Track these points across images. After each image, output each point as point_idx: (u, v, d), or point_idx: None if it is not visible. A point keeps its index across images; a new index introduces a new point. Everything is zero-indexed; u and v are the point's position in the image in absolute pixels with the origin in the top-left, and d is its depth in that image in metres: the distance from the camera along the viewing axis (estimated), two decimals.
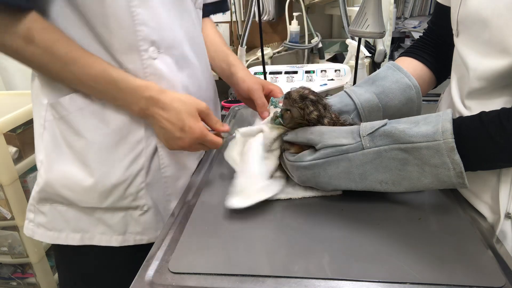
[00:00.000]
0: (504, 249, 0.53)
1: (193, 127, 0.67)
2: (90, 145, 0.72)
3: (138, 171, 0.75)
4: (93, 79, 0.66)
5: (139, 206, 0.77)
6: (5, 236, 1.37)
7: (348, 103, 0.74)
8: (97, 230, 0.78)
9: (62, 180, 0.74)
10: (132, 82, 0.67)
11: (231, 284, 0.48)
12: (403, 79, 0.74)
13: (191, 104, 0.69)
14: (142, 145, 0.74)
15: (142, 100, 0.68)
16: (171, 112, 0.67)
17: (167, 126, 0.68)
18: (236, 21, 2.04)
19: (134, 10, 0.66)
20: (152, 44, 0.69)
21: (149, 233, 0.79)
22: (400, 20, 2.47)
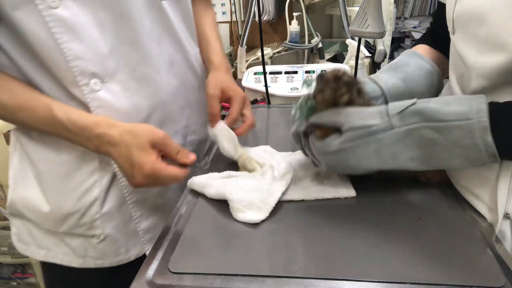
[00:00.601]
0: (504, 249, 0.53)
1: (142, 162, 0.61)
2: (42, 174, 0.73)
3: (91, 202, 0.73)
4: (42, 123, 0.64)
5: (95, 235, 0.76)
6: (5, 236, 1.37)
7: (375, 89, 0.73)
8: (60, 250, 0.78)
9: (23, 202, 0.76)
10: (80, 122, 0.63)
11: (231, 284, 0.48)
12: (425, 65, 0.74)
13: (142, 136, 0.62)
14: (96, 176, 0.72)
15: (93, 139, 0.64)
16: (121, 147, 0.62)
17: (119, 163, 0.63)
18: (236, 21, 2.04)
19: (64, 47, 0.62)
20: (93, 76, 0.65)
21: (109, 258, 0.79)
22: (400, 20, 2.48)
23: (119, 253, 0.79)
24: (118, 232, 0.77)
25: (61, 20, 0.61)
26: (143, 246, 0.81)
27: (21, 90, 0.64)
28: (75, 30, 0.62)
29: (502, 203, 0.56)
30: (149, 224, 0.80)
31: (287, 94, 1.32)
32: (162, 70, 0.75)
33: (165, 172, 0.62)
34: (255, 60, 1.70)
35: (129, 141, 0.62)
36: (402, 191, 0.65)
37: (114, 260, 0.79)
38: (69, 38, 0.62)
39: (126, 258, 0.80)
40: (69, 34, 0.62)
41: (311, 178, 0.69)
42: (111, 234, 0.76)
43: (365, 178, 0.65)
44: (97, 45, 0.65)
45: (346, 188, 0.65)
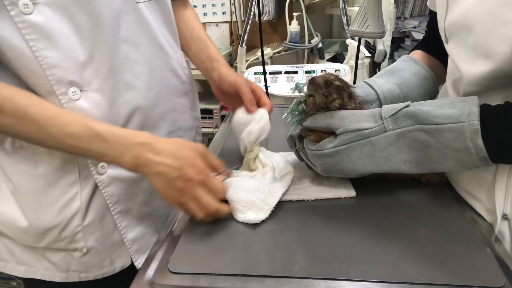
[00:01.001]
0: (504, 249, 0.53)
1: (194, 163, 0.59)
2: (18, 188, 0.70)
3: (72, 215, 0.71)
4: (75, 137, 0.60)
5: (78, 248, 0.73)
6: None
7: (370, 93, 0.73)
8: (41, 266, 0.76)
9: (1, 219, 0.73)
10: (119, 132, 0.62)
11: (231, 284, 0.48)
12: (421, 70, 0.75)
13: (186, 144, 0.62)
14: (76, 188, 0.70)
15: (133, 148, 0.60)
16: (165, 154, 0.60)
17: (162, 169, 0.59)
18: (236, 21, 2.04)
19: (39, 55, 0.60)
20: (71, 85, 0.63)
21: (94, 271, 0.77)
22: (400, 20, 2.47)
23: (103, 265, 0.77)
24: (101, 244, 0.75)
25: (35, 26, 0.58)
26: (131, 257, 0.79)
27: (51, 106, 0.61)
28: (50, 36, 0.60)
29: (500, 204, 0.56)
30: (135, 234, 0.78)
31: (287, 94, 1.32)
32: (142, 75, 0.73)
33: (215, 180, 0.60)
34: (255, 60, 1.70)
35: (174, 148, 0.61)
36: (402, 191, 0.65)
37: (98, 273, 0.77)
38: (44, 45, 0.60)
39: (111, 270, 0.78)
40: (44, 41, 0.60)
41: (311, 178, 0.69)
42: (94, 246, 0.74)
43: (365, 179, 0.65)
44: (74, 52, 0.63)
45: (346, 188, 0.65)
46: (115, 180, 0.73)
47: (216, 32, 2.08)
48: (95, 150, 0.61)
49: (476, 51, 0.54)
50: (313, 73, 1.43)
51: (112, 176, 0.72)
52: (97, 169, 0.70)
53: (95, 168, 0.70)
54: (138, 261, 0.79)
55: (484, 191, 0.59)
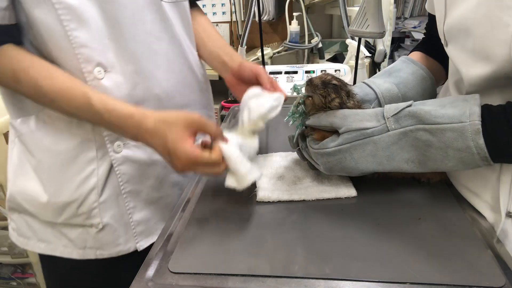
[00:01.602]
0: (504, 249, 0.53)
1: (177, 151, 0.61)
2: (41, 164, 0.75)
3: (89, 191, 0.75)
4: (80, 111, 0.66)
5: (94, 224, 0.77)
6: (5, 236, 1.37)
7: (369, 93, 0.74)
8: (60, 243, 0.80)
9: (22, 194, 0.78)
10: (116, 113, 0.65)
11: (231, 284, 0.48)
12: (419, 71, 0.76)
13: (176, 123, 0.62)
14: (94, 165, 0.74)
15: (129, 129, 0.65)
16: (156, 137, 0.63)
17: (158, 151, 0.64)
18: (236, 21, 2.04)
19: (71, 34, 0.65)
20: (97, 64, 0.68)
21: (109, 248, 0.79)
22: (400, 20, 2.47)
23: (118, 243, 0.79)
24: (116, 222, 0.78)
25: (70, 8, 0.64)
26: (135, 239, 0.80)
27: (61, 78, 0.66)
28: (82, 18, 0.66)
29: (504, 201, 0.56)
30: (141, 216, 0.80)
31: (287, 94, 1.31)
32: (161, 66, 0.77)
33: (202, 159, 0.60)
34: (255, 60, 1.70)
35: (164, 129, 0.62)
36: (402, 191, 0.65)
37: (113, 251, 0.79)
38: (76, 26, 0.65)
39: (125, 249, 0.80)
40: (76, 22, 0.65)
41: (311, 178, 0.69)
42: (109, 223, 0.77)
43: (366, 178, 0.65)
44: (101, 35, 0.68)
45: (346, 188, 0.65)
46: (128, 160, 0.76)
47: None
48: (100, 124, 0.68)
49: (475, 54, 0.55)
50: (313, 73, 1.43)
51: (126, 156, 0.76)
52: (114, 148, 0.74)
53: (112, 147, 0.74)
54: (140, 243, 0.81)
55: (488, 189, 0.59)
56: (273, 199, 0.64)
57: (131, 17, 0.71)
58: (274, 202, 0.64)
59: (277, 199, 0.64)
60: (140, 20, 0.72)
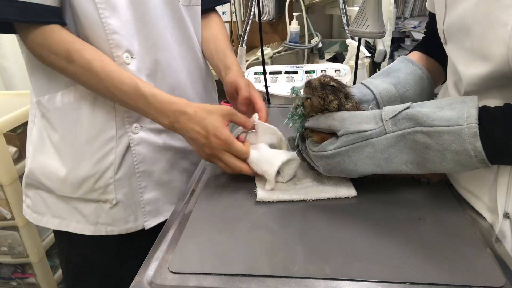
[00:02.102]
0: (504, 249, 0.53)
1: (217, 133, 0.68)
2: (63, 139, 0.80)
3: (107, 167, 0.80)
4: (125, 94, 0.72)
5: (108, 199, 0.82)
6: (5, 236, 1.37)
7: (367, 93, 0.74)
8: (73, 218, 0.85)
9: (41, 169, 0.84)
10: (161, 98, 0.72)
11: (231, 284, 0.48)
12: (416, 70, 0.76)
13: (214, 112, 0.70)
14: (113, 144, 0.80)
15: (170, 114, 0.72)
16: (196, 121, 0.70)
17: (194, 135, 0.70)
18: (236, 21, 2.04)
19: (105, 21, 0.72)
20: (125, 51, 0.76)
21: (119, 224, 0.85)
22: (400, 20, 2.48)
23: (128, 220, 0.84)
24: (128, 200, 0.83)
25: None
26: (143, 217, 0.85)
27: (111, 63, 0.73)
28: (115, 8, 0.73)
29: (502, 203, 0.56)
30: (151, 196, 0.85)
31: (287, 94, 1.32)
32: (176, 58, 0.84)
33: (236, 145, 0.69)
34: (255, 60, 1.70)
35: (203, 115, 0.70)
36: (402, 191, 0.65)
37: (123, 228, 0.85)
38: (110, 14, 0.73)
39: (134, 226, 0.85)
40: (110, 10, 0.73)
41: (311, 178, 0.69)
42: (122, 200, 0.83)
43: (366, 178, 0.65)
44: (129, 24, 0.75)
45: (346, 188, 0.65)
46: (144, 142, 0.82)
47: None
48: (140, 108, 0.73)
49: (474, 53, 0.55)
50: (313, 73, 1.43)
51: (142, 137, 0.82)
52: (132, 129, 0.81)
53: (130, 128, 0.80)
54: (148, 222, 0.86)
55: (485, 190, 0.59)
56: (273, 199, 0.64)
57: (154, 12, 0.78)
58: (274, 202, 0.64)
59: (277, 199, 0.64)
60: (160, 16, 0.80)
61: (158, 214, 0.87)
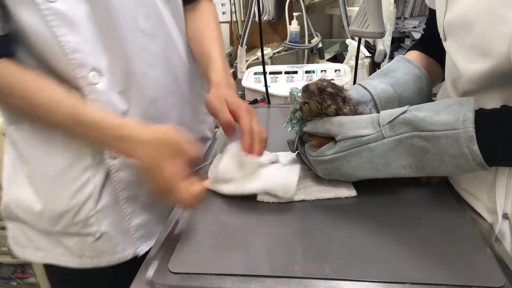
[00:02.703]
0: (503, 249, 0.53)
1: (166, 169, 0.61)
2: (35, 171, 0.74)
3: (85, 199, 0.73)
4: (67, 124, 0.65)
5: (91, 233, 0.75)
6: (5, 236, 1.37)
7: (364, 94, 0.74)
8: (57, 251, 0.78)
9: (16, 202, 0.77)
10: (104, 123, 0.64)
11: (231, 284, 0.48)
12: (414, 70, 0.76)
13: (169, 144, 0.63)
14: (89, 173, 0.73)
15: (114, 143, 0.65)
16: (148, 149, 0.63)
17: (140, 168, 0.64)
18: (236, 21, 2.04)
19: (62, 40, 0.63)
20: (92, 69, 0.67)
21: (107, 256, 0.78)
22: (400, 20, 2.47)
23: (115, 251, 0.78)
24: (113, 230, 0.77)
25: (59, 13, 0.62)
26: (134, 244, 0.80)
27: (48, 94, 0.64)
28: (72, 23, 0.64)
29: (501, 203, 0.56)
30: (140, 221, 0.80)
31: (287, 94, 1.31)
32: (155, 65, 0.76)
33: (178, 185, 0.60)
34: (255, 60, 1.70)
35: (156, 146, 0.62)
36: (402, 191, 0.65)
37: (112, 259, 0.78)
38: (67, 31, 0.63)
39: (123, 256, 0.79)
40: (67, 27, 0.63)
41: (311, 178, 0.69)
42: (106, 231, 0.76)
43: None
44: (93, 37, 0.66)
45: (346, 188, 0.65)
46: (126, 167, 0.75)
47: None
48: (85, 137, 0.67)
49: (475, 49, 0.54)
50: (313, 73, 1.43)
51: (123, 162, 0.74)
52: (110, 154, 0.73)
53: (109, 153, 0.73)
54: (140, 248, 0.81)
55: (484, 191, 0.59)
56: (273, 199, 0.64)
57: (122, 18, 0.69)
58: (274, 202, 0.64)
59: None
60: (133, 20, 0.70)
61: (150, 237, 0.81)
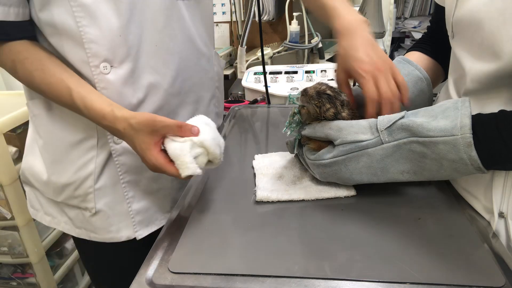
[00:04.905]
0: (504, 249, 0.53)
1: (146, 158, 0.65)
2: (46, 145, 0.80)
3: (86, 176, 0.78)
4: (67, 106, 0.71)
5: (88, 208, 0.81)
6: (5, 236, 1.37)
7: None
8: (62, 219, 0.86)
9: (30, 170, 0.85)
10: (93, 111, 0.68)
11: (231, 284, 0.48)
12: (414, 71, 0.76)
13: (140, 129, 0.65)
14: (93, 153, 0.78)
15: (105, 128, 0.70)
16: (128, 139, 0.68)
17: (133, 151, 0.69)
18: (236, 21, 2.04)
19: (82, 30, 0.68)
20: (104, 60, 0.71)
21: (102, 233, 0.83)
22: (400, 20, 2.47)
23: (110, 230, 0.82)
24: (110, 210, 0.81)
25: (83, 6, 0.67)
26: (133, 227, 0.83)
27: (52, 71, 0.69)
28: (94, 16, 0.68)
29: (497, 202, 0.56)
30: (140, 206, 0.83)
31: (287, 94, 1.32)
32: (170, 63, 0.78)
33: (164, 169, 0.64)
34: (255, 60, 1.70)
35: (131, 135, 0.66)
36: (402, 191, 0.65)
37: (106, 237, 0.83)
38: (88, 22, 0.68)
39: (117, 237, 0.83)
40: (89, 19, 0.68)
41: (311, 177, 0.69)
42: (103, 210, 0.81)
43: None
44: (112, 32, 0.70)
45: (346, 187, 0.65)
46: (127, 152, 0.78)
47: (216, 32, 2.08)
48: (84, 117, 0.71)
49: (484, 48, 0.54)
50: (313, 73, 1.43)
51: (125, 147, 0.77)
52: (113, 139, 0.77)
53: (112, 138, 0.77)
54: (139, 232, 0.84)
55: (481, 190, 0.59)
56: (272, 199, 0.64)
57: (143, 17, 0.72)
58: (274, 202, 0.64)
59: (276, 199, 0.64)
60: (153, 20, 0.74)
61: (150, 223, 0.85)
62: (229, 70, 1.92)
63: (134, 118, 0.66)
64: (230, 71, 1.91)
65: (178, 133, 0.63)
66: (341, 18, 0.68)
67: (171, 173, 0.64)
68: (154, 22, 0.74)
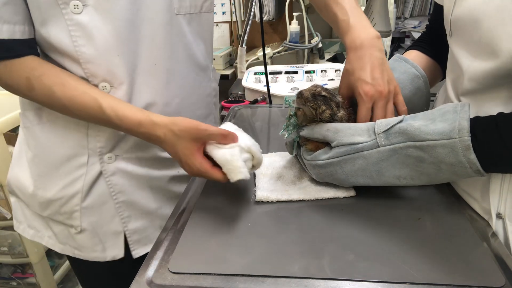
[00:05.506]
0: (503, 249, 0.53)
1: (189, 163, 0.64)
2: (35, 158, 0.79)
3: (73, 194, 0.77)
4: (92, 117, 0.69)
5: (73, 225, 0.80)
6: (5, 236, 1.37)
7: None
8: (46, 233, 0.84)
9: (16, 182, 0.83)
10: (126, 121, 0.67)
11: (231, 284, 0.48)
12: (410, 69, 0.75)
13: (183, 136, 0.63)
14: (82, 171, 0.76)
15: (140, 136, 0.69)
16: (168, 145, 0.66)
17: (172, 156, 0.67)
18: (236, 21, 2.04)
19: (78, 50, 0.68)
20: (103, 80, 0.70)
21: (86, 251, 0.82)
22: (400, 20, 2.47)
23: (95, 249, 0.81)
24: (96, 229, 0.79)
25: (80, 25, 0.66)
26: (130, 246, 0.82)
27: (73, 84, 0.68)
28: (91, 35, 0.67)
29: (494, 203, 0.56)
30: (137, 226, 0.81)
31: (287, 94, 1.32)
32: (171, 82, 0.77)
33: (210, 174, 0.63)
34: (255, 60, 1.70)
35: (173, 141, 0.64)
36: (402, 191, 0.65)
37: (90, 255, 0.82)
38: (85, 42, 0.67)
39: (102, 256, 0.82)
40: (85, 39, 0.67)
41: (310, 178, 0.69)
42: (88, 229, 0.79)
43: None
44: (109, 52, 0.69)
45: (345, 188, 0.65)
46: (121, 172, 0.77)
47: (216, 32, 2.08)
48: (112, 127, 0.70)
49: (481, 47, 0.54)
50: (313, 73, 1.43)
51: (118, 167, 0.77)
52: (104, 159, 0.76)
53: (102, 157, 0.76)
54: (136, 251, 0.83)
55: (479, 191, 0.59)
56: (272, 199, 0.64)
57: (144, 33, 0.71)
58: (274, 202, 0.64)
59: (276, 199, 0.64)
60: (151, 37, 0.72)
61: (148, 242, 0.83)
62: (229, 70, 1.92)
63: (175, 124, 0.64)
64: (230, 71, 1.91)
65: (222, 141, 0.62)
66: (352, 33, 0.66)
67: (215, 178, 0.62)
68: (153, 38, 0.72)
